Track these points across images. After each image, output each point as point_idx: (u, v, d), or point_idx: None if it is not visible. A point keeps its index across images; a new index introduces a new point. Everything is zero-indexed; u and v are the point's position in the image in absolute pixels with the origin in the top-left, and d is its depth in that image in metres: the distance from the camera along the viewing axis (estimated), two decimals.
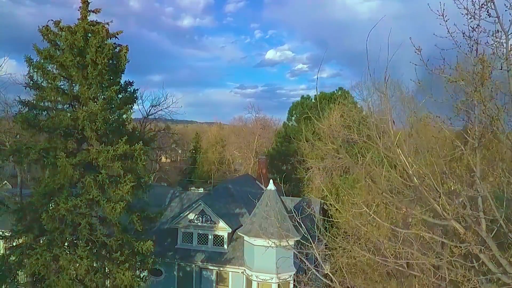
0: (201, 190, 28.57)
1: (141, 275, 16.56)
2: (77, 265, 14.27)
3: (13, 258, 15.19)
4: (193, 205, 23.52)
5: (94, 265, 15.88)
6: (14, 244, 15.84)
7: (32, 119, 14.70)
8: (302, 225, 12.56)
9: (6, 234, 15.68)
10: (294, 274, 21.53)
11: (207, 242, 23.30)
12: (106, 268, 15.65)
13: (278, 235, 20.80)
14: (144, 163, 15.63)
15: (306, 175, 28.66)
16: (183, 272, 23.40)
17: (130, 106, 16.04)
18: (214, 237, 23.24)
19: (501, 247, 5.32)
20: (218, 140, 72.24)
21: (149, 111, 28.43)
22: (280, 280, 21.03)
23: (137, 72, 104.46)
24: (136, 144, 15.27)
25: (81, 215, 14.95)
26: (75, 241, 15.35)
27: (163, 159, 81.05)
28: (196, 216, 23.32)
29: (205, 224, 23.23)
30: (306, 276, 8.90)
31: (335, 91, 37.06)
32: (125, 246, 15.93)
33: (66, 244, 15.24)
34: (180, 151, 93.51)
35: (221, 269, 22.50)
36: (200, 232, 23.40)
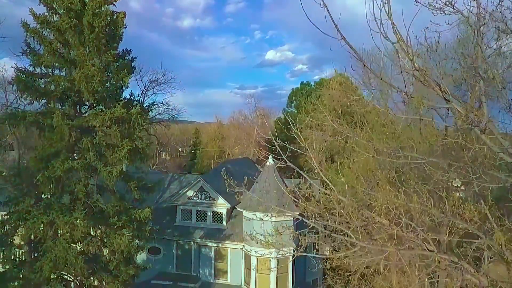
0: None
1: (139, 244, 16.44)
2: (74, 228, 14.15)
3: (10, 223, 15.08)
4: (192, 181, 23.42)
5: (91, 232, 15.82)
6: (11, 210, 15.71)
7: (30, 82, 14.60)
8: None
9: (3, 200, 15.53)
10: (294, 249, 21.43)
11: (206, 219, 23.18)
12: (103, 234, 15.52)
13: (277, 210, 20.68)
14: (141, 128, 15.54)
15: (304, 144, 28.49)
16: (181, 250, 23.27)
17: (127, 72, 15.90)
18: (213, 213, 23.11)
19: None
20: (218, 134, 72.22)
21: (148, 86, 28.36)
22: (279, 255, 20.87)
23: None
24: (134, 108, 15.21)
25: (78, 179, 14.86)
26: (72, 206, 15.25)
27: (163, 156, 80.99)
28: (195, 193, 23.20)
29: (204, 201, 23.11)
30: (300, 184, 8.73)
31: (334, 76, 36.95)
32: (123, 213, 15.83)
33: (63, 209, 15.08)
34: (180, 149, 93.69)
35: (220, 245, 22.36)
36: (199, 209, 23.27)
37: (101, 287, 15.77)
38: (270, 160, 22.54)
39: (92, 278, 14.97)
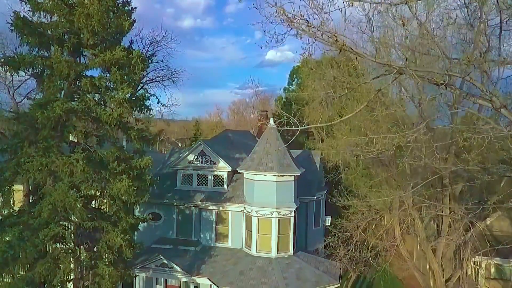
0: None
1: (139, 193, 16.24)
2: (73, 169, 13.99)
3: (10, 169, 14.92)
4: (193, 145, 23.26)
5: (90, 179, 15.62)
6: (11, 157, 15.56)
7: (29, 23, 14.44)
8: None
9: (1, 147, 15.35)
10: (294, 211, 21.27)
11: (206, 183, 23.02)
12: (103, 179, 15.33)
13: (278, 169, 20.55)
14: (141, 73, 15.40)
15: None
16: (182, 214, 23.11)
17: (127, 17, 15.76)
18: (214, 177, 22.95)
19: None
20: (218, 122, 72.25)
21: (148, 48, 28.21)
22: (280, 216, 20.74)
23: None
24: (134, 52, 15.08)
25: (78, 119, 14.75)
26: (72, 150, 15.13)
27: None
28: (196, 157, 23.05)
29: (205, 165, 22.95)
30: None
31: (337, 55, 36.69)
32: (122, 161, 15.69)
33: (62, 152, 14.93)
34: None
35: (221, 208, 22.19)
36: (200, 173, 23.12)
37: (101, 235, 15.60)
38: (271, 122, 22.42)
39: (91, 223, 14.78)
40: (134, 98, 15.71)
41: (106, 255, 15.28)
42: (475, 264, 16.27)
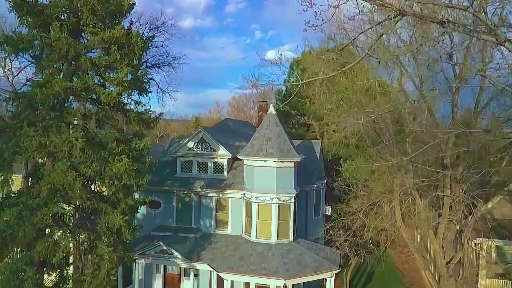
0: None
1: (138, 174, 16.14)
2: (72, 147, 13.91)
3: (8, 149, 14.85)
4: (193, 132, 23.20)
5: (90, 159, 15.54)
6: (9, 138, 15.48)
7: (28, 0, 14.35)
8: None
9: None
10: (294, 197, 21.18)
11: (206, 170, 22.95)
12: (103, 161, 15.24)
13: (278, 155, 20.48)
14: (141, 53, 15.34)
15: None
16: (182, 202, 23.03)
17: None
18: (213, 164, 22.88)
19: None
20: (218, 119, 72.20)
21: (148, 34, 28.09)
22: (280, 202, 20.66)
23: None
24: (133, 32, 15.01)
25: (77, 99, 14.68)
26: (71, 130, 15.06)
27: None
28: (196, 144, 22.99)
29: (205, 152, 22.88)
30: None
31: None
32: (122, 143, 15.61)
33: (61, 131, 14.85)
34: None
35: (221, 195, 22.12)
36: (200, 160, 23.05)
37: (100, 217, 15.51)
38: (271, 109, 22.35)
39: (90, 202, 14.69)
40: (133, 79, 15.63)
41: (106, 237, 15.18)
42: (476, 246, 16.21)
